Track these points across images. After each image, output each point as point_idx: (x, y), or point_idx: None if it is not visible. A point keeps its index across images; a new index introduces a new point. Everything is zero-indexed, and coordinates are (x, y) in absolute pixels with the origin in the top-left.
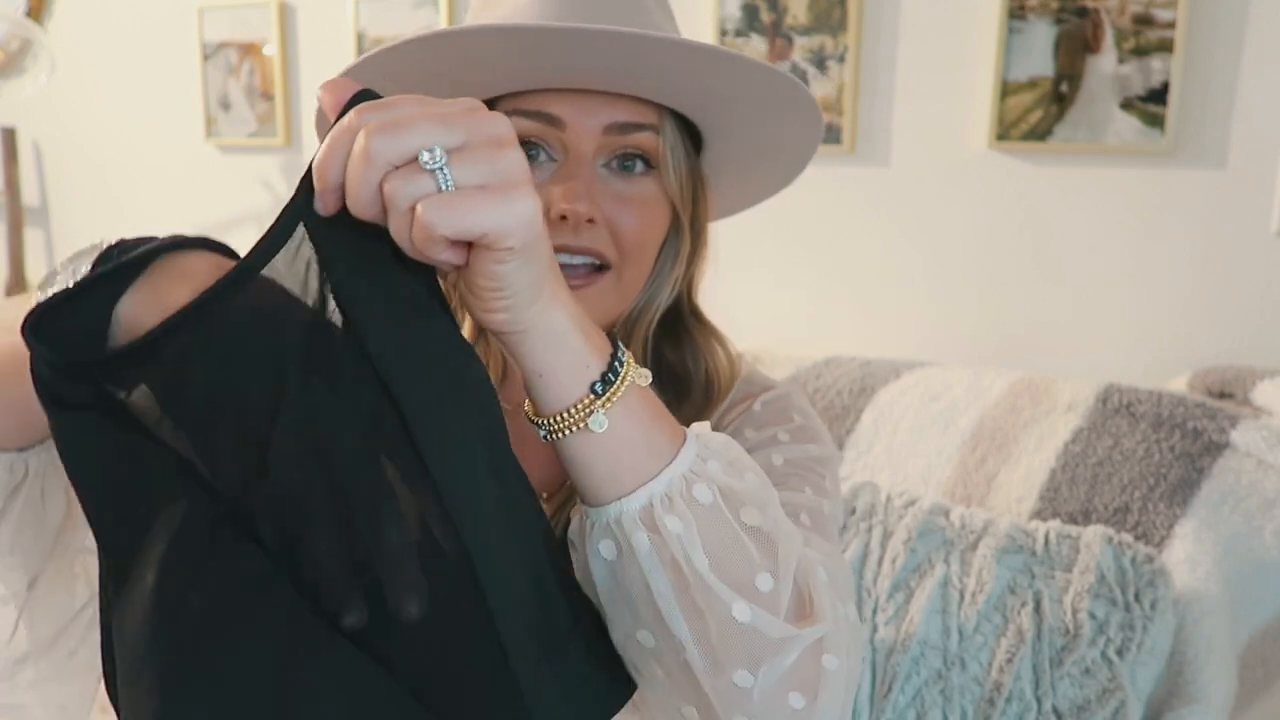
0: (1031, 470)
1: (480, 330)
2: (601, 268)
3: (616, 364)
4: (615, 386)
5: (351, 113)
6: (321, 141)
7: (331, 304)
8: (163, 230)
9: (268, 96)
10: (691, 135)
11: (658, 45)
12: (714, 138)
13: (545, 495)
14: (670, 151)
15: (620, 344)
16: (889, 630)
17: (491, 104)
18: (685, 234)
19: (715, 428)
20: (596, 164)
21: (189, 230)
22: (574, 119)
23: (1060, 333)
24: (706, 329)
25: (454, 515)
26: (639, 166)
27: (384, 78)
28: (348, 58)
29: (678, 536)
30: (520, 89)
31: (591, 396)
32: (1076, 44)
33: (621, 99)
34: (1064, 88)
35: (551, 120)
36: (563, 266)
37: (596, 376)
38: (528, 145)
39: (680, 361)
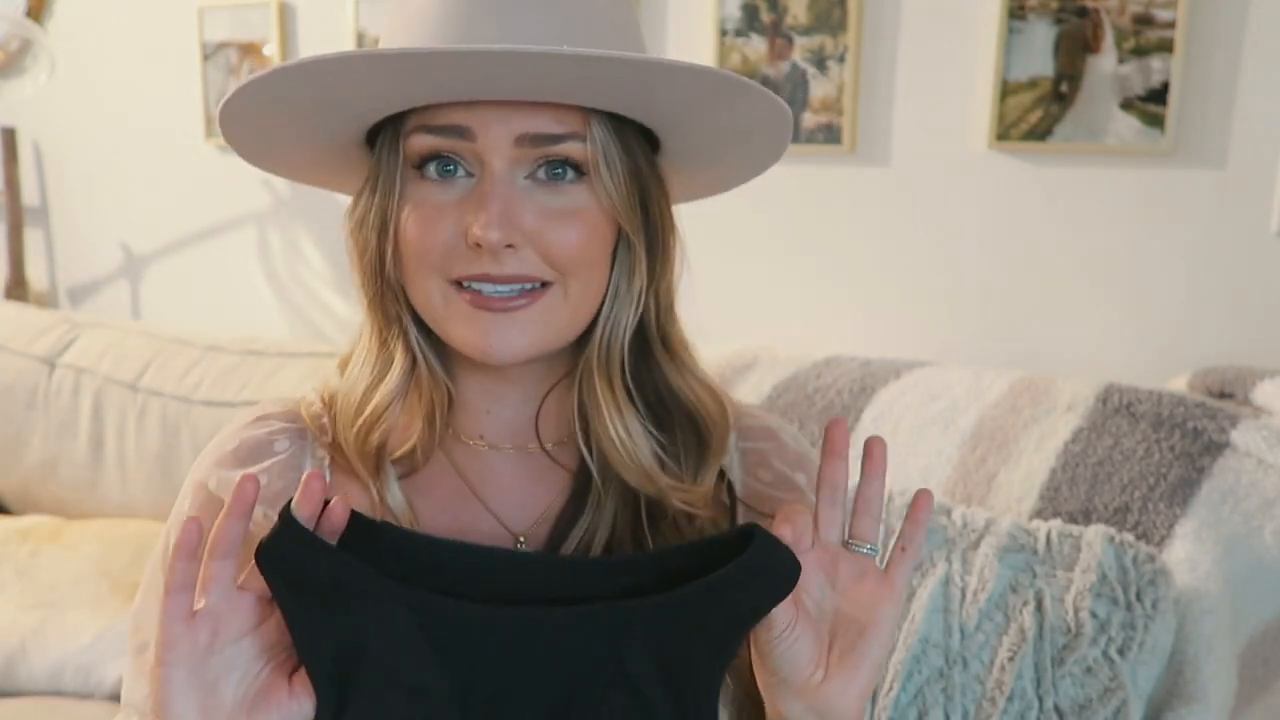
0: (1032, 470)
1: (413, 365)
2: (542, 285)
3: None
4: None
5: None
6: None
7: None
8: (163, 231)
9: None
10: (642, 129)
11: (558, 62)
12: (667, 133)
13: (523, 539)
14: (602, 158)
15: None
16: None
17: (399, 119)
18: (636, 246)
19: (738, 465)
20: (517, 177)
21: (189, 230)
22: (483, 129)
23: (1060, 333)
24: (680, 364)
25: None
26: (569, 174)
27: (274, 103)
28: None
29: None
30: (422, 104)
31: None
32: (1076, 44)
33: (540, 103)
34: (1064, 88)
35: (461, 132)
36: (486, 296)
37: None
38: (442, 159)
39: (655, 393)
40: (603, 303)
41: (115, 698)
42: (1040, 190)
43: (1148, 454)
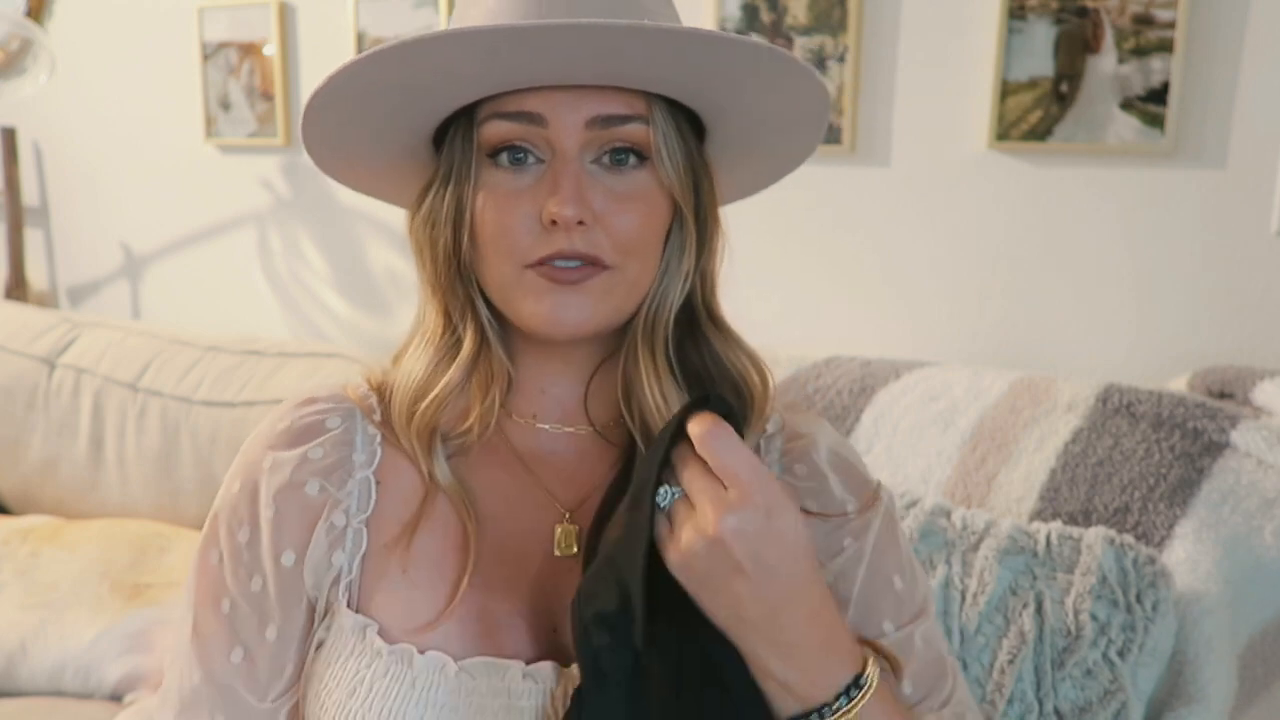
0: (1031, 470)
1: (480, 346)
2: (601, 265)
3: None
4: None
5: None
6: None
7: None
8: (163, 231)
9: (268, 96)
10: (691, 120)
11: (632, 35)
12: (714, 121)
13: (568, 514)
14: (663, 141)
15: (870, 664)
16: None
17: (472, 109)
18: (689, 226)
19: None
20: (585, 161)
21: (189, 230)
22: (554, 114)
23: (1060, 333)
24: (728, 336)
25: None
26: (631, 160)
27: (354, 94)
28: (348, 58)
29: None
30: (495, 92)
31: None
32: (1076, 44)
33: (606, 89)
34: (1064, 88)
35: (532, 118)
36: (558, 268)
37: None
38: (513, 149)
39: (702, 364)
40: (654, 280)
41: (115, 698)
42: (1040, 190)
43: (1148, 454)
